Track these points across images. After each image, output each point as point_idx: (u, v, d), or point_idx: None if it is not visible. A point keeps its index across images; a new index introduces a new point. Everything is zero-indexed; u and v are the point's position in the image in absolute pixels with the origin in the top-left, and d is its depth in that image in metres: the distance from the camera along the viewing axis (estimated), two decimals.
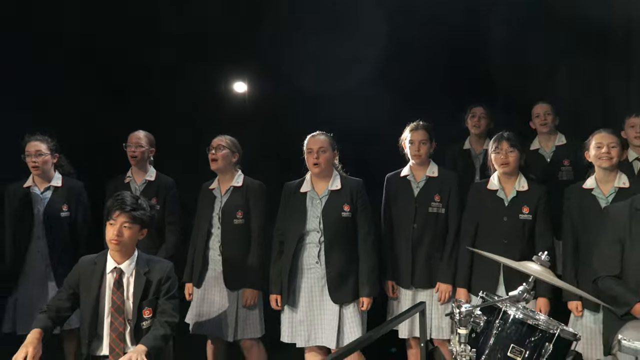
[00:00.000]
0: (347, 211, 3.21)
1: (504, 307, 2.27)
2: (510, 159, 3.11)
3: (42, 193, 3.48)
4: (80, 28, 4.25)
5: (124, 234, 2.63)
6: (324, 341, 3.17)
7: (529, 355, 2.22)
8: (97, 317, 2.66)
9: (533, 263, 2.16)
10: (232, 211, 3.38)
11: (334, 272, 3.16)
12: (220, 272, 3.38)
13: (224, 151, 3.39)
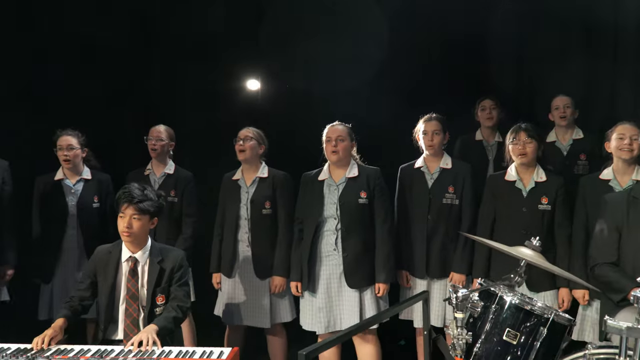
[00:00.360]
0: (364, 198, 3.29)
1: (500, 293, 2.33)
2: (528, 149, 3.13)
3: (74, 185, 3.65)
4: (101, 25, 4.40)
5: (133, 225, 2.75)
6: (344, 327, 3.24)
7: (524, 339, 2.28)
8: (113, 304, 2.81)
9: (525, 248, 2.21)
10: (260, 202, 3.48)
11: (351, 257, 3.25)
12: (249, 261, 3.49)
13: (251, 142, 3.50)
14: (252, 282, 3.50)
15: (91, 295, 2.84)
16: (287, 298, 3.52)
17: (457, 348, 2.30)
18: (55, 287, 3.58)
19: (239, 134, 3.52)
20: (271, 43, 4.56)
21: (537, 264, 2.20)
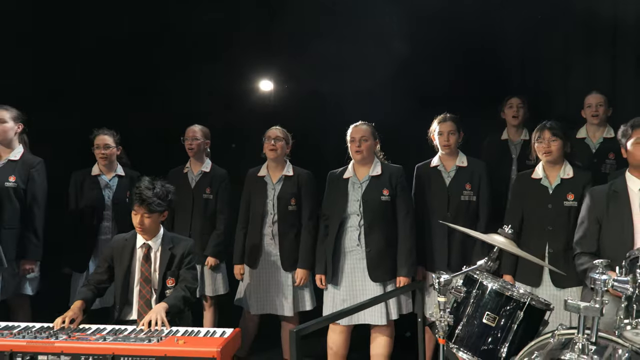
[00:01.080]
0: (387, 195, 3.45)
1: (481, 279, 2.49)
2: (553, 147, 3.20)
3: (109, 180, 3.92)
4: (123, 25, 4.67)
5: (145, 222, 3.00)
6: (368, 319, 3.42)
7: (504, 322, 2.43)
8: (128, 287, 3.06)
9: (498, 235, 2.37)
10: (286, 198, 3.69)
11: (374, 252, 3.41)
12: (272, 254, 3.71)
13: (281, 142, 3.71)
14: (276, 274, 3.70)
15: (108, 279, 3.10)
16: (308, 288, 3.73)
17: (439, 330, 2.46)
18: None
19: (269, 134, 3.72)
20: (284, 44, 4.77)
21: (509, 250, 2.35)
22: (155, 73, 4.76)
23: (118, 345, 2.45)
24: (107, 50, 4.61)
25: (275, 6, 4.78)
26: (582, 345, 1.92)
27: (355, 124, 3.53)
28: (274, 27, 4.78)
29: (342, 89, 4.47)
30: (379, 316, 3.39)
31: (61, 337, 2.54)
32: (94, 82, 4.58)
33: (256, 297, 3.74)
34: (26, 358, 2.41)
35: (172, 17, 4.81)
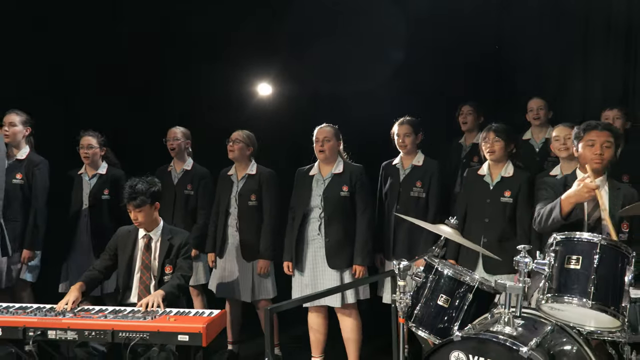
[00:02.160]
0: (346, 191, 3.79)
1: (438, 266, 2.81)
2: (496, 147, 3.50)
3: (89, 179, 4.29)
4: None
5: (138, 217, 3.37)
6: (327, 301, 3.75)
7: (457, 303, 2.73)
8: (130, 273, 3.44)
9: (445, 226, 2.70)
10: (247, 195, 4.06)
11: (332, 242, 3.75)
12: (236, 245, 4.08)
13: (239, 144, 4.06)
14: (239, 263, 4.07)
15: (112, 265, 3.48)
16: (270, 278, 4.08)
17: (399, 310, 2.79)
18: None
19: (230, 136, 4.11)
20: (283, 45, 5.12)
21: (453, 239, 2.68)
22: (156, 74, 5.16)
23: (117, 322, 2.83)
24: (110, 51, 5.03)
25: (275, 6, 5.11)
26: (508, 319, 2.24)
27: (320, 126, 3.85)
28: (274, 27, 5.11)
29: (342, 89, 4.82)
30: (335, 299, 3.71)
31: (68, 315, 2.94)
32: (100, 85, 5.02)
33: (222, 284, 4.12)
34: (37, 332, 2.81)
35: (175, 18, 5.21)
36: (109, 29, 5.07)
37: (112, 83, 5.06)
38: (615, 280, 2.15)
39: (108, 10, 5.16)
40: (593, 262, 2.16)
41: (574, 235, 2.28)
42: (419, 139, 3.94)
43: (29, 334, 2.81)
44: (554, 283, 2.23)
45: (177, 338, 2.76)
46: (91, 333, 2.80)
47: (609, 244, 2.20)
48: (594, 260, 2.16)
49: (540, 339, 2.19)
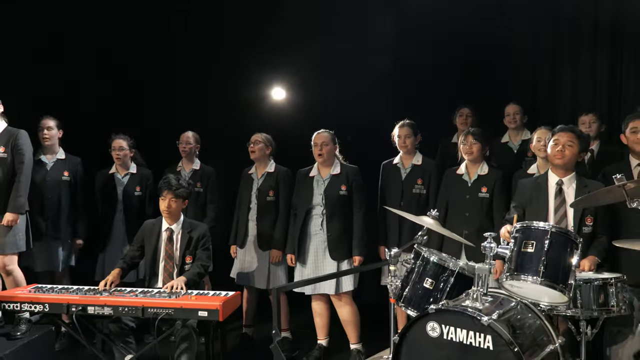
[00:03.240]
0: (344, 190, 4.26)
1: (424, 253, 3.25)
2: (474, 149, 3.97)
3: (122, 178, 4.83)
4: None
5: (172, 206, 3.87)
6: (326, 289, 4.23)
7: (441, 286, 3.13)
8: (155, 262, 3.93)
9: (427, 217, 3.15)
10: (266, 191, 4.55)
11: (334, 236, 4.22)
12: (255, 236, 4.57)
13: (259, 145, 4.58)
14: (256, 253, 4.56)
15: (139, 256, 3.98)
16: (282, 267, 4.54)
17: (390, 292, 3.25)
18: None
19: (251, 138, 4.61)
20: (290, 49, 5.60)
21: (434, 229, 3.12)
22: (186, 82, 5.76)
23: (147, 299, 3.33)
24: (131, 61, 5.58)
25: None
26: (477, 295, 2.68)
27: (318, 132, 4.31)
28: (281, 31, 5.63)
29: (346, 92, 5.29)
30: (330, 287, 4.17)
31: (104, 293, 3.44)
32: (121, 92, 5.60)
33: (242, 273, 4.60)
34: (78, 308, 3.31)
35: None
36: (129, 33, 5.62)
37: (132, 91, 5.61)
38: (562, 261, 2.59)
39: (124, 14, 5.68)
40: (544, 246, 2.60)
41: (531, 224, 2.73)
42: (418, 139, 4.39)
43: (71, 310, 3.32)
44: (513, 264, 2.67)
45: (197, 314, 3.25)
46: (124, 309, 3.29)
47: (558, 231, 2.64)
48: (544, 245, 2.60)
49: (502, 311, 2.62)
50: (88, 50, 5.61)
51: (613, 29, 4.92)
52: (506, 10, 5.22)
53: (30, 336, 3.92)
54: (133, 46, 5.66)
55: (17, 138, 3.97)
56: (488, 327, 2.48)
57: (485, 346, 2.49)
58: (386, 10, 5.39)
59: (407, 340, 2.72)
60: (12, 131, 4.02)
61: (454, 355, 2.57)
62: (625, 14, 4.81)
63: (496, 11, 5.22)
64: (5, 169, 3.94)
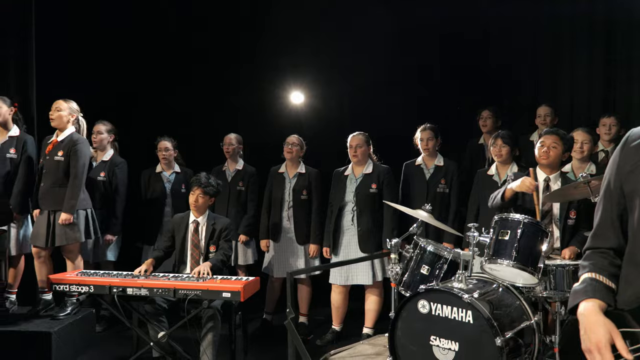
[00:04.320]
0: (375, 188, 4.71)
1: (422, 243, 3.71)
2: (503, 151, 4.35)
3: (169, 176, 5.38)
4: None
5: (199, 201, 4.39)
6: (359, 280, 4.67)
7: (436, 272, 3.60)
8: (183, 251, 4.46)
9: (422, 211, 3.61)
10: (299, 190, 5.04)
11: (363, 230, 4.68)
12: (289, 231, 5.05)
13: (296, 147, 5.07)
14: (293, 247, 5.05)
15: (171, 245, 4.51)
16: (318, 259, 5.02)
17: (391, 277, 3.72)
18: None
19: (287, 140, 5.09)
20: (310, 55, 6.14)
21: (428, 221, 3.59)
22: (218, 87, 6.34)
23: (178, 282, 3.86)
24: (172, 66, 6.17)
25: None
26: (461, 278, 3.14)
27: (353, 134, 4.78)
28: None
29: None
30: (367, 278, 4.65)
31: (141, 277, 3.98)
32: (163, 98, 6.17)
33: (277, 265, 5.09)
34: (119, 289, 3.85)
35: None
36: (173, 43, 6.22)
37: (175, 98, 6.21)
38: (533, 247, 3.04)
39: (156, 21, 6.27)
40: (517, 234, 3.05)
41: (508, 215, 3.18)
42: (439, 142, 4.82)
43: (113, 291, 3.86)
44: (491, 250, 3.13)
45: (222, 295, 3.76)
46: (159, 290, 3.82)
47: (529, 222, 3.08)
48: (518, 233, 3.05)
49: (483, 292, 3.08)
50: (137, 63, 6.19)
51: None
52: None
53: (75, 317, 4.51)
54: (170, 58, 6.24)
55: (77, 144, 4.50)
56: (469, 304, 2.94)
57: (467, 320, 2.95)
58: (405, 13, 5.81)
59: (401, 316, 3.19)
60: (75, 138, 4.55)
61: (441, 328, 3.03)
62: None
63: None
64: (62, 171, 4.48)
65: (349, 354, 3.97)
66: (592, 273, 1.64)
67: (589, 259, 1.70)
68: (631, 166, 1.63)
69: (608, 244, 1.70)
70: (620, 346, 1.45)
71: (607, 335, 1.47)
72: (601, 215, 1.72)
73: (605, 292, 1.61)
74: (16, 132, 4.79)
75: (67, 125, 4.58)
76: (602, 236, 1.72)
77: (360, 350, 4.05)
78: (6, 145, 4.71)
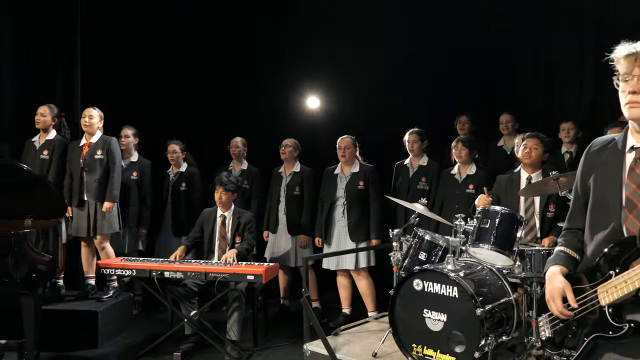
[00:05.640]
0: (362, 185, 5.36)
1: (420, 233, 4.31)
2: (462, 153, 4.98)
3: (173, 175, 6.06)
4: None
5: (222, 198, 5.05)
6: (347, 265, 5.33)
7: (433, 258, 4.20)
8: (212, 241, 5.12)
9: (419, 204, 4.22)
10: (292, 187, 5.73)
11: (353, 222, 5.33)
12: (285, 223, 5.74)
13: (289, 149, 5.76)
14: (286, 237, 5.73)
15: (200, 237, 5.17)
16: (308, 249, 5.69)
17: (392, 263, 4.33)
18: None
19: (282, 142, 5.80)
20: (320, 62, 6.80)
21: (424, 213, 4.20)
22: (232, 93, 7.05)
23: (208, 267, 4.52)
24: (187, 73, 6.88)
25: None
26: (450, 260, 3.74)
27: (342, 137, 5.41)
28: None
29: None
30: (350, 263, 5.27)
31: (177, 263, 4.65)
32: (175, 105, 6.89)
33: (273, 253, 5.79)
34: (157, 272, 4.52)
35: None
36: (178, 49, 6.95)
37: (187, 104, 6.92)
38: (509, 234, 3.63)
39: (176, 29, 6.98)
40: (495, 223, 3.65)
41: (489, 208, 3.78)
42: (425, 145, 5.45)
43: (152, 274, 4.53)
44: (474, 236, 3.73)
45: (246, 277, 4.41)
46: (192, 274, 4.49)
47: (506, 212, 3.68)
48: (496, 222, 3.65)
49: (468, 272, 3.67)
50: (159, 73, 6.90)
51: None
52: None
53: (116, 299, 5.21)
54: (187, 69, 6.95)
55: (110, 144, 5.24)
56: (455, 282, 3.54)
57: (453, 295, 3.55)
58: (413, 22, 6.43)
59: (400, 293, 3.80)
60: (107, 138, 5.28)
61: (432, 302, 3.63)
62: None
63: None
64: (102, 168, 5.19)
65: (357, 330, 4.60)
66: (562, 247, 2.19)
67: (563, 236, 2.25)
68: (590, 167, 2.14)
69: (577, 225, 2.18)
70: (569, 297, 2.01)
71: (560, 289, 2.03)
72: (572, 204, 2.25)
73: (568, 260, 2.12)
74: (52, 136, 5.43)
75: (97, 130, 5.28)
76: (573, 220, 2.20)
77: (367, 327, 4.68)
78: (42, 147, 5.36)
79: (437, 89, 6.45)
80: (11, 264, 4.07)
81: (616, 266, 1.89)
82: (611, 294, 1.88)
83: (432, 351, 3.61)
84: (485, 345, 3.41)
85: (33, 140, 5.37)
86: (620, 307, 1.88)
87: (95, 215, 5.14)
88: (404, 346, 3.73)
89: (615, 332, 1.87)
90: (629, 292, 1.82)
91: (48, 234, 4.33)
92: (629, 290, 1.81)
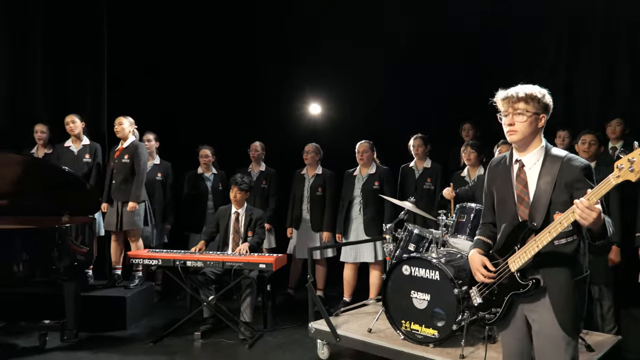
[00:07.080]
0: (377, 185, 6.03)
1: (409, 227, 5.02)
2: (472, 156, 5.62)
3: (209, 177, 6.81)
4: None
5: (237, 196, 5.77)
6: (365, 258, 5.99)
7: (420, 249, 4.93)
8: (227, 235, 5.83)
9: (408, 202, 4.93)
10: (316, 188, 6.44)
11: (368, 219, 5.99)
12: (308, 221, 6.45)
13: (311, 154, 6.48)
14: (310, 233, 6.44)
15: (216, 231, 5.89)
16: (330, 244, 6.38)
17: (386, 253, 5.04)
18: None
19: (305, 149, 6.51)
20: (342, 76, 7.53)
21: (412, 209, 4.91)
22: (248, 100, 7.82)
23: (225, 257, 5.24)
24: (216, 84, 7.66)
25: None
26: (433, 249, 4.45)
27: (360, 142, 6.10)
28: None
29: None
30: (370, 257, 5.98)
31: (197, 254, 5.38)
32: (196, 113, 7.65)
33: (298, 248, 6.49)
34: (181, 262, 5.24)
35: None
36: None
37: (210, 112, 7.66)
38: None
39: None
40: (471, 217, 4.37)
41: (465, 205, 4.49)
42: (428, 148, 6.15)
43: (176, 263, 5.25)
44: (453, 229, 4.45)
45: (258, 266, 5.12)
46: (211, 263, 5.20)
47: (481, 208, 4.38)
48: (471, 217, 4.37)
49: (449, 259, 4.38)
50: (179, 84, 7.65)
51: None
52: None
53: (141, 287, 5.94)
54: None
55: (137, 148, 5.95)
56: (436, 266, 4.25)
57: (435, 278, 4.26)
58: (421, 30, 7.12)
59: (391, 278, 4.51)
60: (136, 144, 6.00)
61: (418, 284, 4.34)
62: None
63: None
64: (128, 171, 5.91)
65: (355, 312, 5.30)
66: (478, 236, 2.97)
67: (480, 228, 3.03)
68: (492, 177, 2.88)
69: (489, 220, 2.94)
70: (488, 265, 2.73)
71: (479, 262, 2.80)
72: (484, 205, 3.01)
73: (482, 244, 2.89)
74: (87, 141, 6.24)
75: (128, 135, 6.01)
76: (486, 216, 2.97)
77: (364, 310, 5.38)
78: (82, 151, 6.16)
79: (437, 95, 7.09)
80: (55, 255, 4.80)
81: (518, 242, 2.66)
82: (517, 262, 2.66)
83: (418, 326, 4.32)
84: (462, 320, 4.11)
85: (67, 145, 6.14)
86: (525, 270, 2.67)
87: (122, 213, 5.87)
88: (394, 322, 4.44)
89: (524, 289, 2.66)
90: (528, 259, 2.61)
91: (85, 228, 5.08)
92: (529, 257, 2.60)
